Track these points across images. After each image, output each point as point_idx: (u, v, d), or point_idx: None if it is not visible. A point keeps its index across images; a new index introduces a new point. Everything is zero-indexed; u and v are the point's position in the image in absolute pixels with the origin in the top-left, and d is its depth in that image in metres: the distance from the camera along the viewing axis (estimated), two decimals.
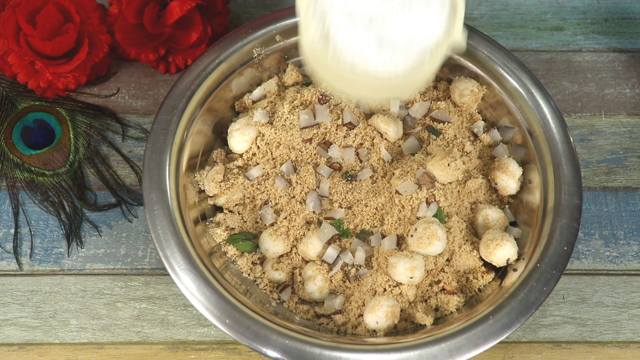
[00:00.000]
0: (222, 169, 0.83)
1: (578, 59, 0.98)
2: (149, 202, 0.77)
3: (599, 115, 0.94)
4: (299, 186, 0.82)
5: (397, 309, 0.76)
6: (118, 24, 0.90)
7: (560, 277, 0.75)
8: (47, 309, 0.82)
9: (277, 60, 0.89)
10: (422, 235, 0.76)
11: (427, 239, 0.76)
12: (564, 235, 0.77)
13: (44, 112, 0.91)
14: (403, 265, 0.76)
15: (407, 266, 0.76)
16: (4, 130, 0.89)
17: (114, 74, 0.95)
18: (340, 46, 0.67)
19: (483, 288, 0.79)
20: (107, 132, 0.91)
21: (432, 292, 0.79)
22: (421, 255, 0.77)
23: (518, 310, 0.73)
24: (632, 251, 0.86)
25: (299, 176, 0.82)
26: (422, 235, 0.76)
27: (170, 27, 0.90)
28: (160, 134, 0.81)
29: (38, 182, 0.87)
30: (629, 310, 0.82)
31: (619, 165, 0.91)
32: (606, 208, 0.88)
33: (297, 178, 0.82)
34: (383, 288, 0.77)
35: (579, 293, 0.83)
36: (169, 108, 0.82)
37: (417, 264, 0.76)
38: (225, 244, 0.81)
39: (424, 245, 0.76)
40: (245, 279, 0.80)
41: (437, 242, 0.76)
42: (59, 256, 0.84)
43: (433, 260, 0.78)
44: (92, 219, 0.86)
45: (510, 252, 0.78)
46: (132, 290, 0.83)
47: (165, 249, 0.75)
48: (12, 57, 0.87)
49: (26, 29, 0.85)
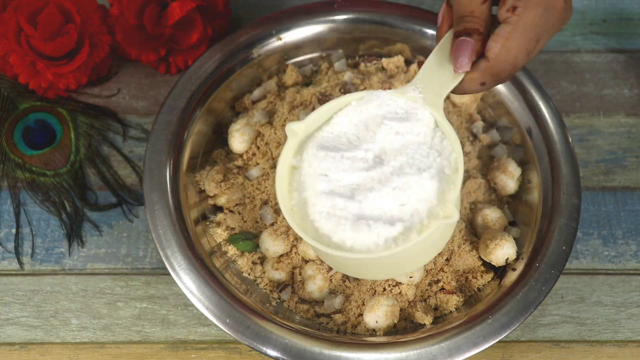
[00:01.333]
0: (222, 169, 0.83)
1: (576, 59, 0.98)
2: (150, 202, 0.77)
3: (597, 115, 0.94)
4: None
5: (396, 309, 0.76)
6: (119, 25, 0.91)
7: (559, 277, 0.75)
8: (48, 309, 0.82)
9: (277, 60, 0.90)
10: None
11: None
12: (563, 235, 0.77)
13: (45, 112, 0.91)
14: None
15: None
16: (5, 131, 0.89)
17: (115, 75, 0.95)
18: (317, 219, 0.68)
19: (482, 288, 0.79)
20: (108, 132, 0.91)
21: (431, 291, 0.79)
22: None
23: (517, 309, 0.73)
24: (630, 251, 0.86)
25: None
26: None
27: (170, 28, 0.90)
28: (161, 134, 0.81)
29: (39, 182, 0.88)
30: (628, 310, 0.83)
31: (617, 165, 0.91)
32: (605, 208, 0.88)
33: None
34: (382, 288, 0.78)
35: (577, 292, 0.84)
36: (169, 108, 0.82)
37: None
38: (226, 243, 0.81)
39: None
40: (246, 278, 0.80)
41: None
42: (60, 256, 0.85)
43: (432, 260, 0.79)
44: (93, 219, 0.87)
45: (510, 252, 0.78)
46: (132, 289, 0.83)
47: (165, 248, 0.75)
48: (13, 58, 0.87)
49: (27, 29, 0.86)
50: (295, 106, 0.85)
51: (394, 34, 0.89)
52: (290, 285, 0.80)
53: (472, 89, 0.69)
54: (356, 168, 0.69)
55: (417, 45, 0.89)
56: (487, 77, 0.67)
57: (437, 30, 0.72)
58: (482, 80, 0.68)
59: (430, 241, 0.68)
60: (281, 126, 0.84)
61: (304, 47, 0.90)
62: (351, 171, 0.69)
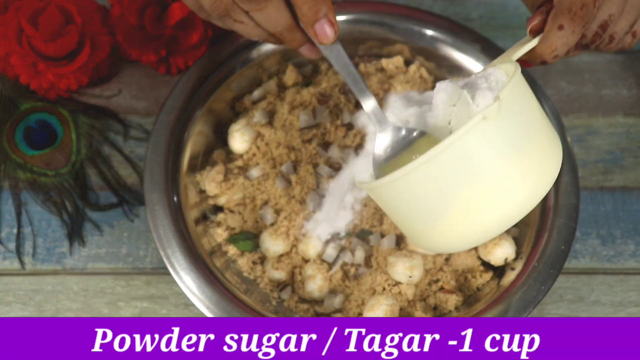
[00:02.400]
0: (222, 169, 0.83)
1: (575, 59, 0.98)
2: (150, 202, 0.77)
3: (596, 115, 0.94)
4: (299, 186, 0.82)
5: (396, 308, 0.76)
6: (119, 25, 0.91)
7: (557, 276, 0.75)
8: (49, 308, 0.82)
9: (277, 61, 0.90)
10: None
11: None
12: (562, 235, 0.77)
13: (46, 112, 0.91)
14: (402, 264, 0.76)
15: (407, 265, 0.76)
16: (7, 131, 0.90)
17: (116, 75, 0.95)
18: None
19: (481, 287, 0.80)
20: (109, 132, 0.92)
21: (430, 291, 0.79)
22: (420, 255, 0.78)
23: (516, 308, 0.74)
24: (629, 250, 0.86)
25: (299, 176, 0.83)
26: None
27: (171, 28, 0.91)
28: (161, 135, 0.81)
29: (40, 183, 0.88)
30: (626, 309, 0.83)
31: (616, 165, 0.91)
32: (603, 207, 0.89)
33: (297, 178, 0.82)
34: (382, 287, 0.78)
35: (576, 292, 0.84)
36: (169, 109, 0.83)
37: (416, 263, 0.76)
38: (226, 243, 0.81)
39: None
40: (246, 278, 0.80)
41: None
42: (61, 256, 0.85)
43: (432, 260, 0.79)
44: (93, 219, 0.87)
45: (509, 251, 0.78)
46: (133, 289, 0.83)
47: (166, 248, 0.76)
48: (14, 59, 0.87)
49: (28, 30, 0.86)
50: (295, 106, 0.86)
51: (393, 34, 0.89)
52: (290, 285, 0.80)
53: (554, 41, 0.64)
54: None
55: (417, 46, 0.89)
56: (562, 19, 0.63)
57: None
58: (560, 23, 0.63)
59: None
60: (281, 126, 0.84)
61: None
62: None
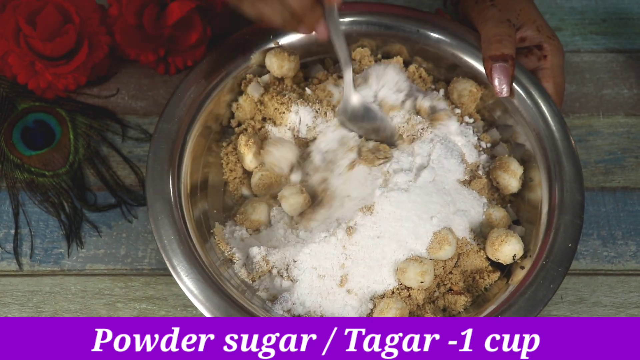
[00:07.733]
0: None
1: (576, 59, 0.98)
2: (154, 211, 0.76)
3: (597, 115, 0.94)
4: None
5: (405, 311, 0.75)
6: (118, 25, 0.91)
7: (565, 274, 0.75)
8: (47, 309, 0.82)
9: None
10: (433, 240, 0.77)
11: (438, 243, 0.77)
12: (568, 232, 0.77)
13: (44, 112, 0.91)
14: (413, 270, 0.76)
15: (418, 271, 0.75)
16: (4, 131, 0.89)
17: (114, 75, 0.95)
18: None
19: (489, 287, 0.79)
20: (107, 132, 0.91)
21: (439, 292, 0.79)
22: (431, 260, 0.77)
23: (526, 308, 0.73)
24: (630, 251, 0.86)
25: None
26: (432, 240, 0.77)
27: (169, 28, 0.90)
28: (162, 143, 0.80)
29: (38, 183, 0.88)
30: (627, 310, 0.83)
31: (616, 166, 0.91)
32: (604, 208, 0.89)
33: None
34: (391, 291, 0.77)
35: (577, 293, 0.84)
36: (168, 116, 0.82)
37: (427, 268, 0.76)
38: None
39: (435, 250, 0.77)
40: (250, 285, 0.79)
41: (447, 246, 0.77)
42: (59, 256, 0.84)
43: (442, 265, 0.78)
44: (92, 220, 0.86)
45: (516, 248, 0.78)
46: (132, 290, 0.83)
47: (171, 258, 0.74)
48: (12, 58, 0.87)
49: (26, 29, 0.86)
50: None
51: (392, 35, 0.89)
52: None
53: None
54: None
55: (416, 47, 0.89)
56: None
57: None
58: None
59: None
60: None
61: (301, 51, 0.89)
62: None
